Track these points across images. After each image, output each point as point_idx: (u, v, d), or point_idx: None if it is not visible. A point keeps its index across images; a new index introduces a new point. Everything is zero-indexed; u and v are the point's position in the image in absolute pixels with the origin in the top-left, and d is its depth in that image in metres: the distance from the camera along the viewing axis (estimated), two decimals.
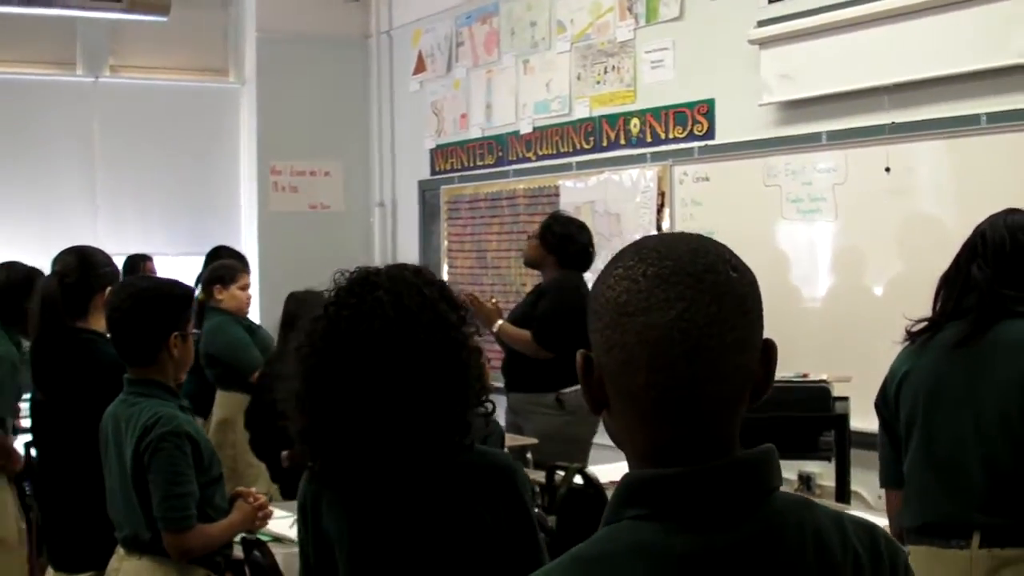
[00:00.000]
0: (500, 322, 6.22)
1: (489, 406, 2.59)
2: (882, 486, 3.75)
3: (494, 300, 6.51)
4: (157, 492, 3.49)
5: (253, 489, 3.95)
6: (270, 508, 3.89)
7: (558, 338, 6.15)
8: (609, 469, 5.24)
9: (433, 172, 9.79)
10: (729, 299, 1.39)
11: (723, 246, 1.45)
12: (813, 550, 1.40)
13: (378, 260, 10.05)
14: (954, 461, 3.40)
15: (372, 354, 2.40)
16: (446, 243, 9.49)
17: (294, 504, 4.84)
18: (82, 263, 4.37)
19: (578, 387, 5.15)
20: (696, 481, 1.37)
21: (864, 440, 5.38)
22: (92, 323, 4.34)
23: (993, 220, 3.52)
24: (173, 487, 3.48)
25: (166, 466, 3.48)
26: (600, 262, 7.38)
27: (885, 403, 3.61)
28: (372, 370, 2.40)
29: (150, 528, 3.54)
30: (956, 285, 3.47)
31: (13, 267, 5.72)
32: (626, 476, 1.43)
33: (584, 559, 1.39)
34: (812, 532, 1.42)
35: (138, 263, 7.75)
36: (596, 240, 7.25)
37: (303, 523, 2.63)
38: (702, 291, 1.37)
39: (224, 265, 6.98)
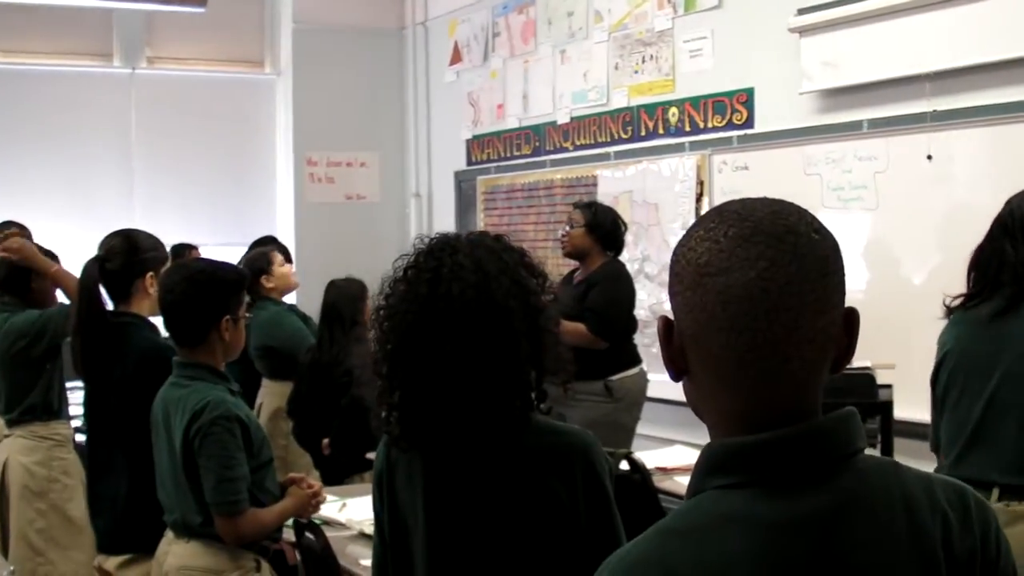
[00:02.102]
0: None
1: (566, 375, 2.58)
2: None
3: None
4: (209, 477, 3.50)
5: (304, 475, 3.97)
6: (324, 495, 3.91)
7: (615, 327, 6.19)
8: (652, 456, 5.26)
9: (469, 162, 9.79)
10: (810, 260, 1.38)
11: (805, 210, 1.45)
12: (902, 512, 1.40)
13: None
14: (981, 426, 3.55)
15: (451, 316, 2.42)
16: None
17: (341, 489, 4.92)
18: (126, 246, 4.36)
19: (625, 374, 5.17)
20: (780, 447, 1.37)
21: (908, 428, 5.37)
22: (134, 306, 4.31)
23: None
24: (225, 471, 3.49)
25: (218, 450, 3.50)
26: (638, 251, 7.39)
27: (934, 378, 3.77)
28: (451, 332, 2.41)
29: (200, 512, 3.56)
30: (992, 263, 3.60)
31: None
32: (708, 446, 1.43)
33: (672, 531, 1.39)
34: (900, 494, 1.41)
35: (183, 253, 7.74)
36: (635, 230, 7.26)
37: (378, 494, 2.64)
38: (783, 251, 1.37)
39: (255, 255, 6.95)
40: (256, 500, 3.59)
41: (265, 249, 7.11)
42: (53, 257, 5.59)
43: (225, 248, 8.38)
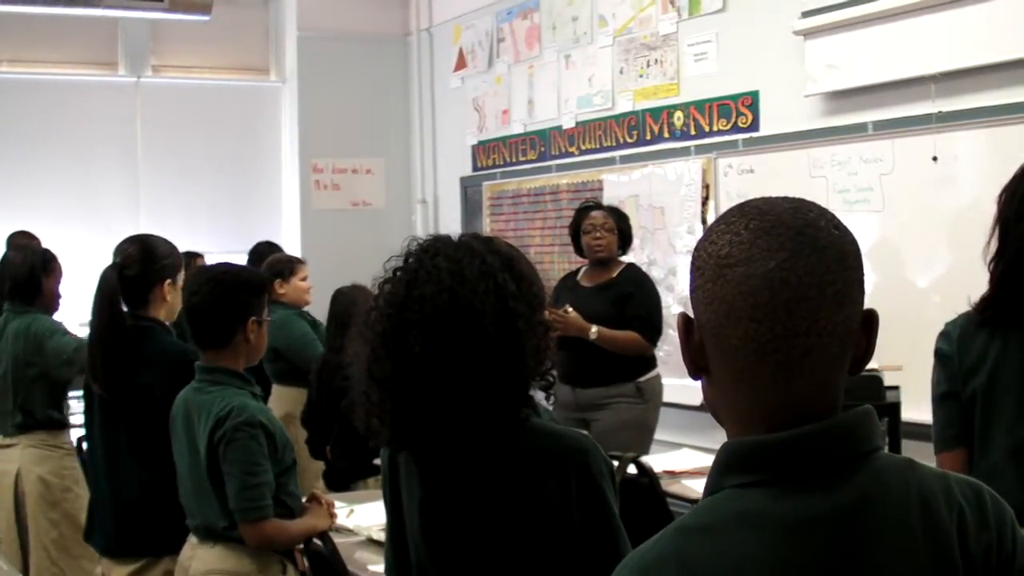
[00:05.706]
0: (595, 328, 6.01)
1: (550, 379, 2.55)
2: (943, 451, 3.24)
3: (569, 309, 6.08)
4: (233, 483, 3.51)
5: (317, 492, 3.99)
6: (331, 505, 3.95)
7: (661, 331, 6.22)
8: (660, 459, 5.25)
9: (475, 168, 9.80)
10: (830, 253, 1.39)
11: (825, 208, 1.46)
12: (918, 510, 1.40)
13: None
14: None
15: (422, 318, 2.40)
16: None
17: (349, 495, 4.92)
18: (143, 253, 4.32)
19: (650, 375, 5.10)
20: (799, 446, 1.37)
21: (915, 430, 5.36)
22: (152, 313, 4.28)
23: None
24: (249, 478, 3.51)
25: (241, 457, 3.51)
26: (645, 255, 7.38)
27: (962, 380, 3.14)
28: (420, 334, 2.39)
29: (224, 516, 3.57)
30: None
31: (29, 248, 5.79)
32: (725, 445, 1.42)
33: (689, 529, 1.39)
34: (917, 492, 1.41)
35: (189, 261, 7.75)
36: (641, 234, 7.24)
37: (386, 487, 2.64)
38: (803, 243, 1.38)
39: (281, 259, 6.99)
40: (281, 504, 3.61)
41: (294, 258, 7.14)
42: (54, 260, 5.63)
43: (231, 255, 8.38)
